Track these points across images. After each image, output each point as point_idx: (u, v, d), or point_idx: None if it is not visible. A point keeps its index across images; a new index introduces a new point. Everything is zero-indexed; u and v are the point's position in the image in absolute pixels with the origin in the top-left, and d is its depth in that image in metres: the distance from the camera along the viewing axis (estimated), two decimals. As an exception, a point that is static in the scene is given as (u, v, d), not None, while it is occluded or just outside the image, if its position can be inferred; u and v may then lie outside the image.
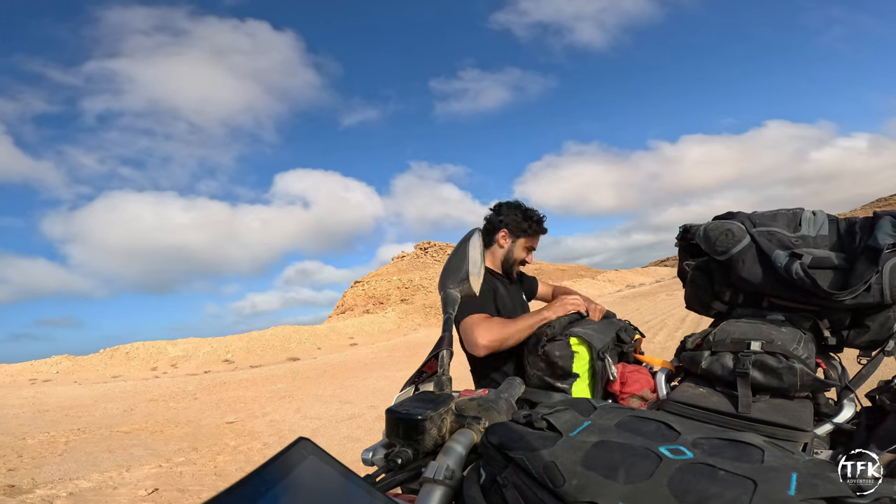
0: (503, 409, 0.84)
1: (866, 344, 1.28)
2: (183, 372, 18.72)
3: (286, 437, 6.81)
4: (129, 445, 6.82)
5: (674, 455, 0.57)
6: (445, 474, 0.64)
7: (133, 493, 4.74)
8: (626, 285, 40.51)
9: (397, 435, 0.73)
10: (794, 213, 1.38)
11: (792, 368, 1.09)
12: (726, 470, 0.53)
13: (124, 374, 19.65)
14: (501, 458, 0.63)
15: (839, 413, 1.15)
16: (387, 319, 31.09)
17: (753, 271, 1.33)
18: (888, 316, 1.23)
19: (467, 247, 1.14)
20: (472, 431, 0.74)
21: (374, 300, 45.31)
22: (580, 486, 0.54)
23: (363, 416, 7.53)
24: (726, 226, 1.39)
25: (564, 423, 0.68)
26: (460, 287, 1.10)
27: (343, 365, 15.10)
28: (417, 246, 79.21)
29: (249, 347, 23.66)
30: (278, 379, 13.33)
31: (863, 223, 1.26)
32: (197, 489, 4.81)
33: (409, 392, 1.25)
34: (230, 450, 6.35)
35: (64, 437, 7.53)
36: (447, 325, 1.02)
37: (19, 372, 20.25)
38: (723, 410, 1.08)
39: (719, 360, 1.19)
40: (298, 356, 20.84)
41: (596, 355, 1.42)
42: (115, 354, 23.63)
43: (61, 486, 4.95)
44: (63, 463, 5.99)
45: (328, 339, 25.99)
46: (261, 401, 10.05)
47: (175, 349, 23.90)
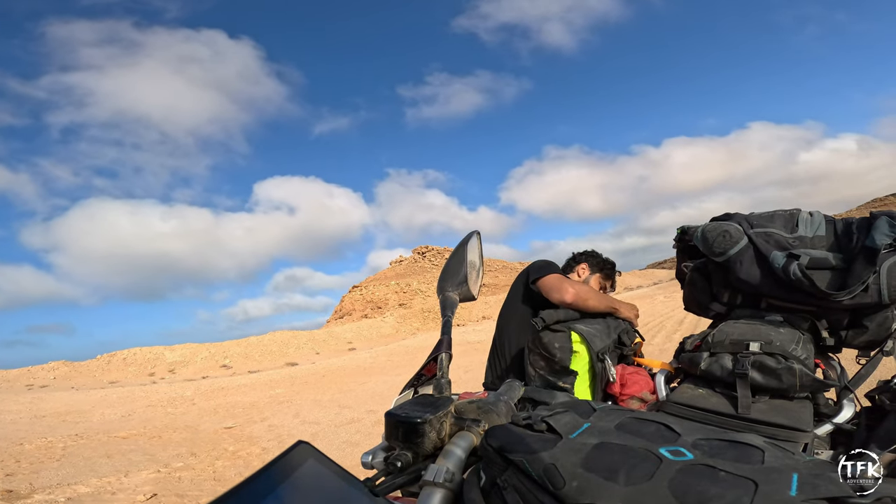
0: (503, 411, 0.83)
1: (865, 344, 1.29)
2: (181, 377, 18.64)
3: (285, 441, 6.79)
4: (128, 451, 6.79)
5: (674, 456, 0.57)
6: (445, 477, 0.64)
7: (132, 498, 4.72)
8: (624, 287, 40.55)
9: (397, 438, 0.73)
10: (791, 214, 1.38)
11: (791, 369, 1.09)
12: (727, 471, 0.53)
13: (122, 380, 19.56)
14: (501, 461, 0.63)
15: (839, 413, 1.15)
16: (385, 324, 31.04)
17: (751, 272, 1.33)
18: (886, 316, 1.23)
19: (466, 249, 1.14)
20: (471, 434, 0.74)
21: (372, 305, 45.25)
22: (580, 488, 0.54)
23: (362, 421, 7.51)
24: (724, 227, 1.39)
25: (564, 426, 0.68)
26: (459, 290, 1.10)
27: (342, 369, 15.07)
28: (415, 250, 79.15)
29: (247, 353, 23.59)
30: (277, 384, 13.29)
31: (859, 223, 1.26)
32: (196, 494, 4.78)
33: (408, 395, 1.25)
34: (229, 455, 6.32)
35: (62, 442, 7.49)
36: (446, 328, 1.02)
37: (16, 377, 20.15)
38: (722, 411, 1.08)
39: (718, 362, 1.19)
40: (297, 361, 20.78)
41: (596, 356, 1.42)
42: (113, 360, 23.53)
43: (60, 492, 4.92)
44: (61, 468, 5.96)
45: (326, 343, 25.94)
46: (259, 406, 10.02)
47: (173, 355, 23.81)
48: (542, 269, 1.87)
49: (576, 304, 1.69)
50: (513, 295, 1.99)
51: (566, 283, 1.76)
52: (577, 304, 1.69)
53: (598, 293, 1.80)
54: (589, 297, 1.72)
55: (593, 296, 1.74)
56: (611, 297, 1.82)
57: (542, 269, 1.87)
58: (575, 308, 1.67)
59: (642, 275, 53.24)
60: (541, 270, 1.87)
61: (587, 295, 1.72)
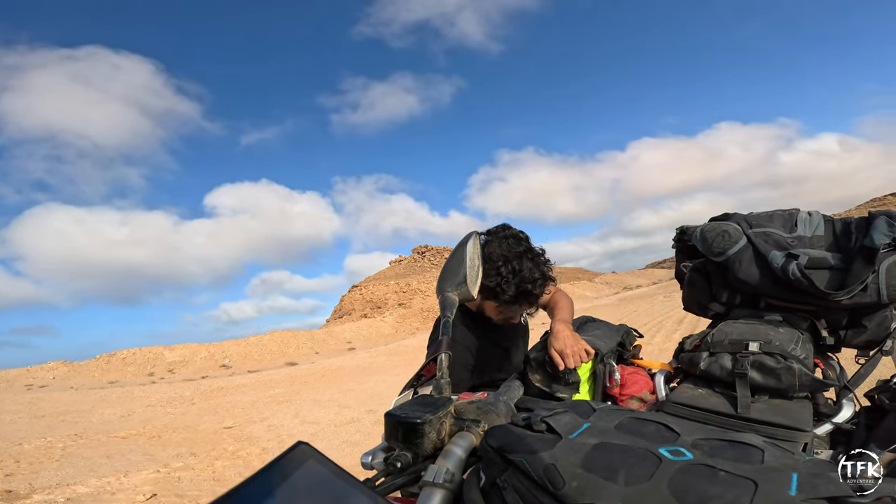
0: (502, 411, 0.83)
1: (864, 344, 1.29)
2: (180, 377, 18.64)
3: (285, 441, 6.79)
4: (127, 451, 6.78)
5: (674, 456, 0.57)
6: (445, 477, 0.64)
7: (131, 498, 4.71)
8: (624, 287, 40.55)
9: (396, 438, 0.73)
10: (789, 214, 1.38)
11: (790, 369, 1.09)
12: (726, 471, 0.53)
13: (121, 380, 19.55)
14: (501, 461, 0.63)
15: (838, 413, 1.15)
16: (385, 324, 31.04)
17: (750, 272, 1.33)
18: (885, 315, 1.23)
19: (465, 250, 1.14)
20: (471, 434, 0.74)
21: (371, 304, 45.24)
22: (580, 488, 0.54)
23: (362, 421, 7.50)
24: (723, 227, 1.39)
25: (564, 426, 0.68)
26: (458, 290, 1.10)
27: (341, 369, 15.07)
28: (415, 250, 79.14)
29: (247, 352, 23.58)
30: (276, 384, 13.28)
31: (858, 223, 1.26)
32: (195, 494, 4.78)
33: (408, 396, 1.25)
34: (229, 455, 6.32)
35: (61, 442, 7.48)
36: (445, 328, 1.02)
37: (16, 377, 20.13)
38: (722, 411, 1.08)
39: (718, 361, 1.19)
40: (296, 361, 20.77)
41: (600, 360, 1.42)
42: (112, 360, 23.52)
43: (59, 492, 4.92)
44: (60, 468, 5.95)
45: (326, 343, 25.94)
46: (259, 406, 10.01)
47: (172, 354, 23.80)
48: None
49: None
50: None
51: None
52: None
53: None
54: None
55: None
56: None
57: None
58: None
59: (642, 274, 53.30)
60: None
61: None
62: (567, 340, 1.40)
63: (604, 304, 25.17)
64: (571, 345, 1.39)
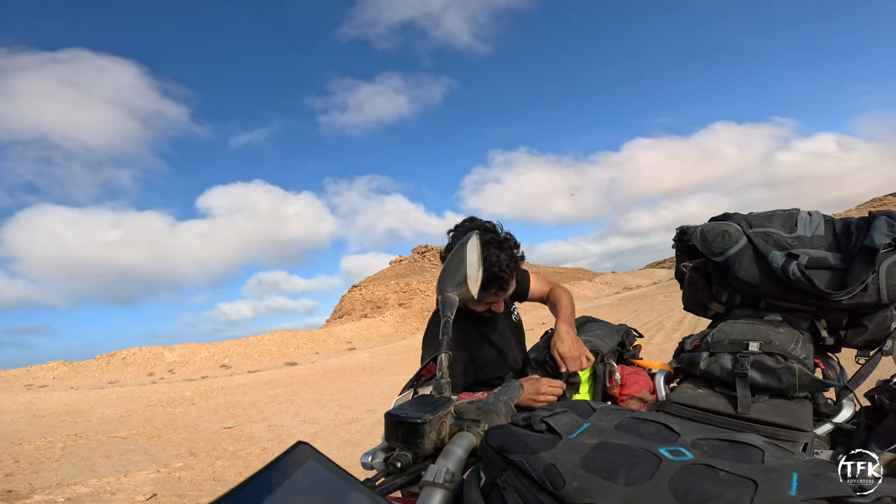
0: (502, 411, 0.83)
1: (864, 344, 1.29)
2: (180, 377, 18.65)
3: (285, 441, 6.79)
4: (127, 451, 6.78)
5: (674, 456, 0.57)
6: (445, 477, 0.64)
7: (131, 498, 4.71)
8: (624, 287, 40.57)
9: (396, 438, 0.73)
10: (790, 214, 1.38)
11: (790, 369, 1.09)
12: (727, 471, 0.53)
13: (121, 380, 19.55)
14: (501, 461, 0.63)
15: (839, 413, 1.16)
16: (385, 323, 31.05)
17: (750, 272, 1.33)
18: (885, 315, 1.23)
19: (465, 250, 1.14)
20: (471, 434, 0.74)
21: (371, 304, 45.26)
22: (580, 488, 0.54)
23: (362, 421, 7.50)
24: (723, 227, 1.40)
25: (564, 426, 0.68)
26: (458, 290, 1.10)
27: (341, 369, 15.07)
28: (415, 250, 79.14)
29: (247, 352, 23.58)
30: (276, 384, 13.28)
31: (858, 223, 1.26)
32: (196, 494, 4.78)
33: (408, 396, 1.25)
34: (229, 455, 6.31)
35: (61, 442, 7.48)
36: (445, 328, 1.02)
37: (15, 377, 20.13)
38: (722, 411, 1.08)
39: (718, 361, 1.19)
40: (296, 360, 20.78)
41: (600, 360, 1.43)
42: (112, 360, 23.52)
43: (59, 492, 4.92)
44: (60, 468, 5.95)
45: (326, 343, 25.94)
46: (259, 406, 10.01)
47: (172, 354, 23.81)
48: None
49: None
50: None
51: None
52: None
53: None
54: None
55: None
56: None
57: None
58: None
59: (642, 274, 53.35)
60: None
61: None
62: (570, 344, 1.46)
63: (604, 304, 25.18)
64: (574, 349, 1.45)
